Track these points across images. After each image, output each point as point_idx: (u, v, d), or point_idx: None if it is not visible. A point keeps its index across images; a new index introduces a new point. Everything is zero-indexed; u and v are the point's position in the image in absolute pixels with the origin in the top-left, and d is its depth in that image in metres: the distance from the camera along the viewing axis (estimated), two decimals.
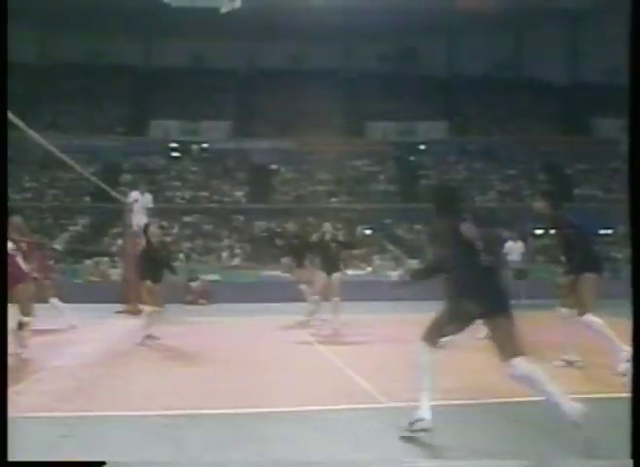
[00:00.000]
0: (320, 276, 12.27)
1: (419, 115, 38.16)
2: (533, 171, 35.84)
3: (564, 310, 8.08)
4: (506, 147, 36.65)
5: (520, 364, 4.94)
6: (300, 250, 13.78)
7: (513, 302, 5.41)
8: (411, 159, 38.42)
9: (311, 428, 5.50)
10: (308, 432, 5.37)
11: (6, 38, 4.47)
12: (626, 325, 3.79)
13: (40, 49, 39.44)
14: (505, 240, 22.64)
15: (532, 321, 9.90)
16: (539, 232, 27.16)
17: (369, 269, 26.60)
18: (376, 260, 27.75)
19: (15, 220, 8.64)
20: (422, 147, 38.55)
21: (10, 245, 8.49)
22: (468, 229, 5.17)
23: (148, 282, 10.80)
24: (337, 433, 5.38)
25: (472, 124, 38.90)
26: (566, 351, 8.07)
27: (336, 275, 12.19)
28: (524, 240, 22.73)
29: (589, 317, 7.71)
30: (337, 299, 11.98)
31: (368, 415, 5.96)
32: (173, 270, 11.42)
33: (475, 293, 5.12)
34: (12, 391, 6.94)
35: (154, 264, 10.87)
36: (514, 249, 21.82)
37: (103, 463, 4.14)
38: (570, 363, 7.96)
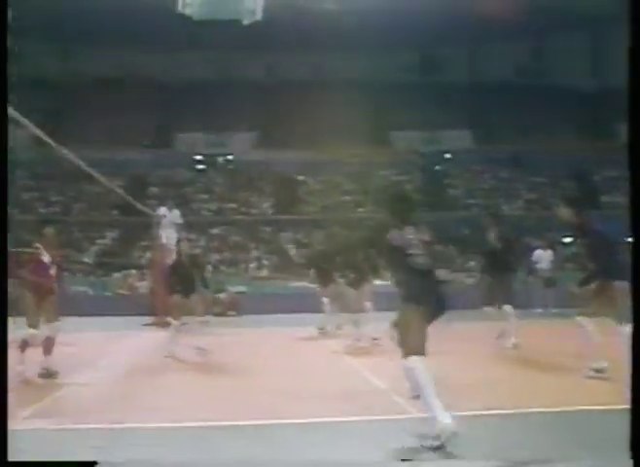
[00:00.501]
0: (349, 291, 12.07)
1: (444, 124, 38.04)
2: (560, 179, 35.56)
3: (579, 318, 7.99)
4: (532, 155, 36.38)
5: (417, 363, 5.25)
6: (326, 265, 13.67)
7: (540, 310, 5.42)
8: (437, 168, 38.33)
9: (342, 438, 5.49)
10: (340, 442, 5.37)
11: (6, 38, 4.48)
12: None
13: (66, 64, 39.86)
14: (533, 249, 22.56)
15: (560, 330, 9.81)
16: (568, 240, 26.93)
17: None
18: None
19: (47, 231, 8.73)
20: (448, 156, 38.44)
21: (46, 258, 8.58)
22: (394, 236, 5.62)
23: (178, 296, 10.86)
24: (371, 443, 5.37)
25: (497, 131, 38.69)
26: (595, 360, 7.92)
27: (365, 288, 12.04)
28: (553, 248, 22.61)
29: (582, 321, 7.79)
30: (363, 313, 11.74)
31: (399, 426, 5.95)
32: (206, 285, 11.48)
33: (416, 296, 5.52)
34: (42, 405, 7.03)
35: (185, 278, 10.93)
36: (542, 257, 21.70)
37: (95, 463, 4.16)
38: (599, 371, 7.83)
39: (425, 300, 5.51)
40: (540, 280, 21.33)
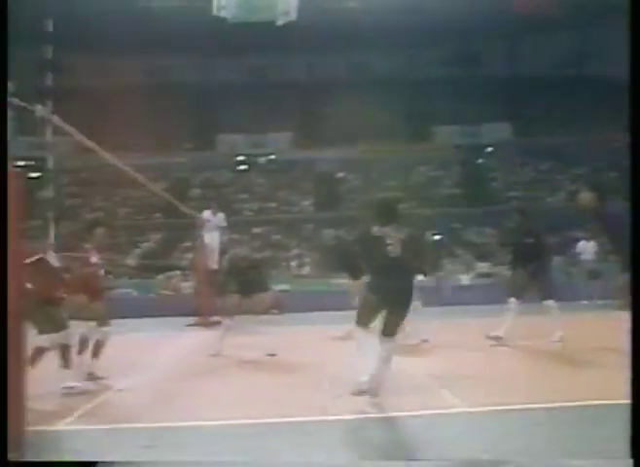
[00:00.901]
0: None
1: (484, 117, 37.78)
2: (601, 170, 35.09)
3: (620, 312, 7.83)
4: (572, 146, 35.96)
5: (389, 343, 6.75)
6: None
7: (586, 302, 5.43)
8: (478, 162, 38.11)
9: (393, 433, 5.55)
10: (391, 437, 5.42)
11: (6, 38, 4.53)
12: None
13: (107, 72, 40.43)
14: (577, 240, 22.33)
15: (605, 322, 9.70)
16: None
17: (440, 273, 26.40)
18: (447, 264, 27.55)
19: (98, 232, 8.72)
20: (489, 149, 38.20)
21: (95, 259, 8.66)
22: (376, 229, 6.85)
23: (236, 296, 10.83)
24: (420, 438, 5.42)
25: (536, 124, 38.31)
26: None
27: None
28: (596, 240, 22.35)
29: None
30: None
31: (450, 420, 5.99)
32: (264, 287, 11.40)
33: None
34: (90, 406, 7.18)
35: (244, 278, 10.91)
36: (586, 248, 21.49)
37: (95, 463, 4.21)
38: None
39: (385, 289, 6.79)
40: (584, 272, 21.11)
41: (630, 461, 3.25)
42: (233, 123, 37.80)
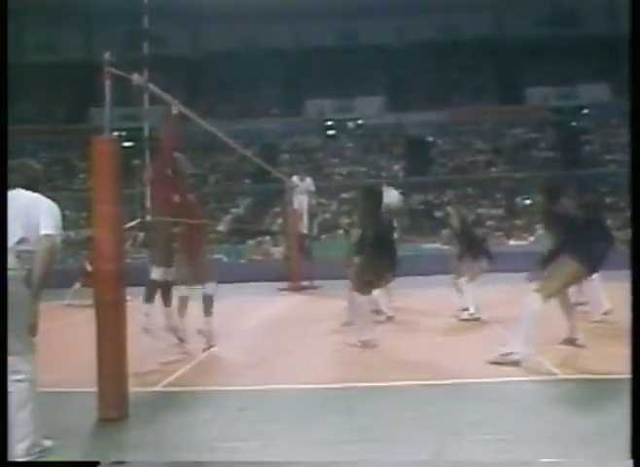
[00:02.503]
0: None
1: (579, 77, 36.50)
2: None
3: None
4: None
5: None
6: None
7: None
8: (573, 124, 37.02)
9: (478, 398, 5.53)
10: (478, 403, 5.40)
11: (6, 38, 4.53)
12: None
13: (195, 41, 40.96)
14: None
15: None
16: None
17: (531, 238, 25.97)
18: (539, 229, 27.01)
19: (179, 156, 8.67)
20: (584, 111, 37.05)
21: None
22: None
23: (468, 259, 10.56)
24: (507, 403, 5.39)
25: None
26: None
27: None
28: None
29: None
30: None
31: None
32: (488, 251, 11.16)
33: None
34: (189, 367, 7.36)
35: (471, 241, 10.72)
36: None
37: (97, 463, 4.26)
38: None
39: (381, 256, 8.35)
40: None
41: (630, 461, 3.16)
42: (322, 88, 37.70)
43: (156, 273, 8.06)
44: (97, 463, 4.25)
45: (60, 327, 10.62)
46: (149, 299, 8.03)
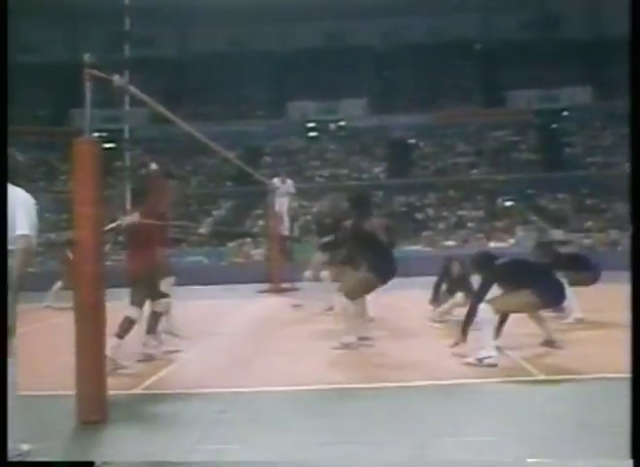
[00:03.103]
0: None
1: (562, 81, 36.66)
2: None
3: None
4: None
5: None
6: None
7: None
8: (554, 126, 37.23)
9: (464, 401, 5.55)
10: (459, 405, 5.42)
11: (6, 38, 4.49)
12: None
13: (178, 43, 40.86)
14: None
15: None
16: None
17: (511, 240, 26.10)
18: (519, 231, 27.15)
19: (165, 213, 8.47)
20: (565, 113, 37.24)
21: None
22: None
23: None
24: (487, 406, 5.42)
25: (617, 87, 37.09)
26: None
27: None
28: None
29: None
30: None
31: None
32: None
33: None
34: (165, 372, 7.34)
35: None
36: None
37: (92, 463, 4.24)
38: None
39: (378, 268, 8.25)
40: None
41: (630, 461, 3.19)
42: (305, 89, 37.69)
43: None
44: (92, 463, 4.23)
45: (39, 329, 10.56)
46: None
